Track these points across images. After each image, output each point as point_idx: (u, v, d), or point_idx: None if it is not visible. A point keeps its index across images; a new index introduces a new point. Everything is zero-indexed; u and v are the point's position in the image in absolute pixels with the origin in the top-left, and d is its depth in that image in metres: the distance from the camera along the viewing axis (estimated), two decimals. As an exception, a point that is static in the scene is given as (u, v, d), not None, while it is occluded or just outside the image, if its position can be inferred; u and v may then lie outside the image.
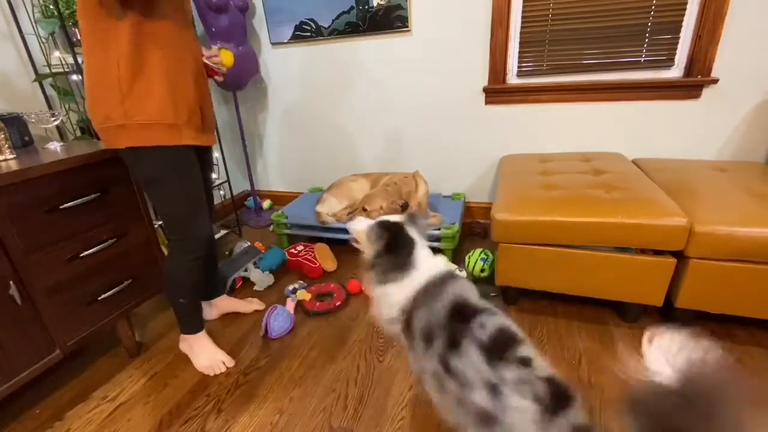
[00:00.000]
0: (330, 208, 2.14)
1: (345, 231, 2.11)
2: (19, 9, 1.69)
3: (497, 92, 2.13)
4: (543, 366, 0.72)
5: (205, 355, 1.47)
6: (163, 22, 1.11)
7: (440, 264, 0.97)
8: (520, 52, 2.06)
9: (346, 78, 2.39)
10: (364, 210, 1.98)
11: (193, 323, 1.47)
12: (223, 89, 2.45)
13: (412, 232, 0.99)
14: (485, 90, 2.14)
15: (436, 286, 0.90)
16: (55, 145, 1.49)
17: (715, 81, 1.79)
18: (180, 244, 1.33)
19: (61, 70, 1.80)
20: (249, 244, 2.17)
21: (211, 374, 1.44)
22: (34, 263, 1.19)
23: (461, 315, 0.82)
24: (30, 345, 1.22)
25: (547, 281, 1.54)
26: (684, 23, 1.80)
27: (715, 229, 1.28)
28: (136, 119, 1.11)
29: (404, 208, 1.95)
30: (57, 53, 1.80)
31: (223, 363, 1.46)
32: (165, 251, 1.65)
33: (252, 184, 2.76)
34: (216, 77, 1.43)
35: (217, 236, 2.29)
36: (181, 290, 1.39)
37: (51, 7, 1.71)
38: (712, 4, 1.70)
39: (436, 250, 1.97)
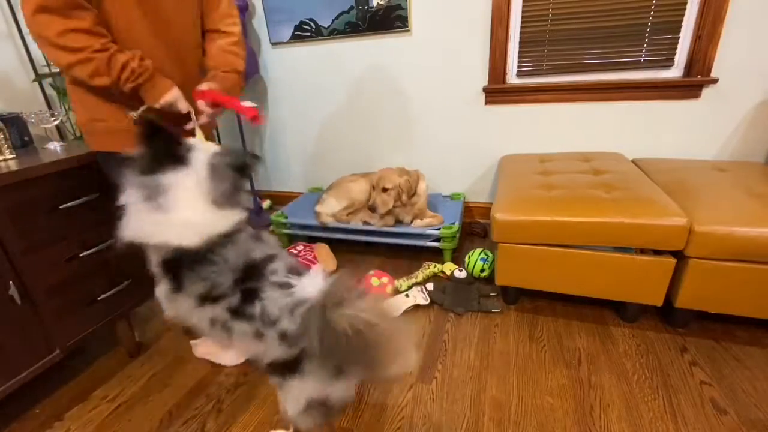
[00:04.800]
0: (330, 208, 2.14)
1: (345, 231, 2.15)
2: (19, 9, 1.69)
3: (497, 92, 2.13)
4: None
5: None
6: None
7: None
8: (520, 52, 2.06)
9: (345, 78, 2.39)
10: (384, 190, 1.93)
11: None
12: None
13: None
14: (485, 90, 2.14)
15: None
16: (55, 145, 1.49)
17: (715, 81, 1.79)
18: None
19: (61, 70, 1.80)
20: (249, 244, 2.16)
21: (243, 360, 1.47)
22: (34, 263, 1.19)
23: None
24: (30, 345, 1.22)
25: (547, 281, 1.54)
26: (684, 23, 1.80)
27: (714, 229, 1.28)
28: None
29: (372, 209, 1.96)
30: (57, 53, 1.80)
31: None
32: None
33: (252, 184, 2.76)
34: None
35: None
36: None
37: (51, 7, 1.71)
38: (711, 4, 1.70)
39: (436, 251, 2.00)
